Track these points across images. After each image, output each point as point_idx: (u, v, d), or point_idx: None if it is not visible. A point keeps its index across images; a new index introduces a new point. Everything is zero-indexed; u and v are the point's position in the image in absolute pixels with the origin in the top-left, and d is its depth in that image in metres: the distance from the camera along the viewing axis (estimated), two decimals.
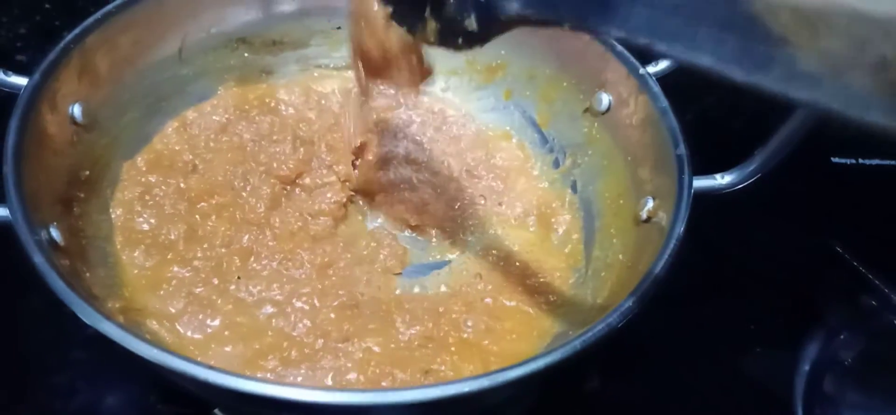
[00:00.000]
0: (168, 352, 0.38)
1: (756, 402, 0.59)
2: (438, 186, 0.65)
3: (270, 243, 0.58)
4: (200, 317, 0.52)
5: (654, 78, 0.59)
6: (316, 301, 0.55)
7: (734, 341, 0.62)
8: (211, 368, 0.38)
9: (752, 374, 0.54)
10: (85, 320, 0.40)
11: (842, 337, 0.64)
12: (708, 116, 0.64)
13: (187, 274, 0.55)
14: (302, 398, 0.38)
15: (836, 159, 0.83)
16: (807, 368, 0.63)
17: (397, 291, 0.58)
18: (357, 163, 0.64)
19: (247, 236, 0.58)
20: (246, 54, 0.70)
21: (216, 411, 0.56)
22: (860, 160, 0.84)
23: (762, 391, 0.36)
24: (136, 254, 0.55)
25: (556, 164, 0.66)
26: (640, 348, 0.60)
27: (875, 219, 0.76)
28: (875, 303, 0.66)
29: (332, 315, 0.54)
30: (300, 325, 0.53)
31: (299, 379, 0.50)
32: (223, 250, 0.57)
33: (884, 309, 0.65)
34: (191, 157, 0.62)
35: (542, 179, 0.67)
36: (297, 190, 0.62)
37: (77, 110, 0.56)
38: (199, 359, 0.45)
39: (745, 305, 0.66)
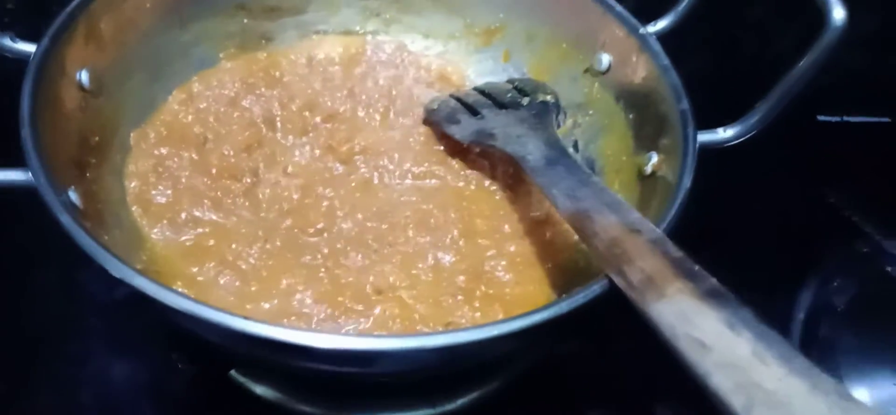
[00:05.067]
0: (205, 305, 0.39)
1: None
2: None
3: (296, 205, 0.59)
4: (226, 280, 0.53)
5: (653, 36, 0.60)
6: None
7: (731, 290, 0.64)
8: (247, 318, 0.39)
9: None
10: (117, 275, 0.40)
11: (835, 284, 0.66)
12: (701, 74, 0.66)
13: (211, 243, 0.56)
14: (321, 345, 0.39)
15: (822, 117, 0.86)
16: (802, 315, 0.65)
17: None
18: None
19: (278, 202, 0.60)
20: (245, 20, 0.70)
21: (232, 372, 0.58)
22: (845, 118, 0.86)
23: None
24: (155, 228, 0.56)
25: (558, 124, 0.68)
26: None
27: (862, 172, 0.79)
28: (866, 250, 0.68)
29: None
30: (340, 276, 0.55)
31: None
32: (247, 215, 0.58)
33: (875, 255, 0.68)
34: (201, 129, 0.63)
35: None
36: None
37: (84, 76, 0.56)
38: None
39: (741, 256, 0.68)
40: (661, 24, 0.62)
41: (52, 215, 0.43)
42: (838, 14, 0.49)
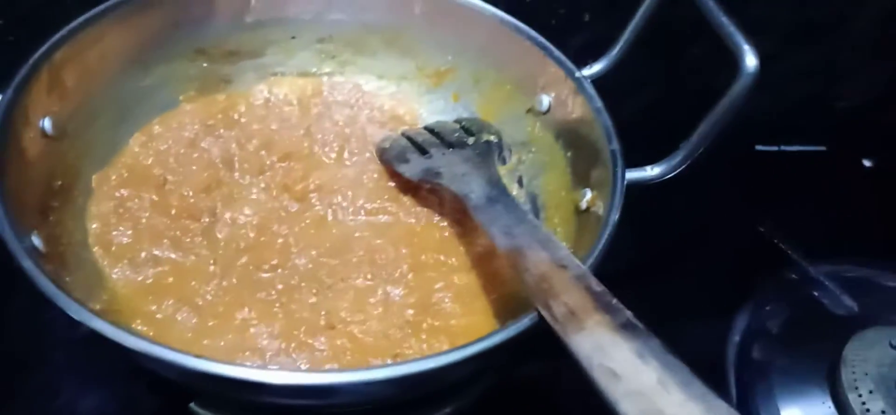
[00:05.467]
0: (158, 344, 0.42)
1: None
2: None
3: (252, 242, 0.62)
4: (184, 316, 0.56)
5: (588, 80, 0.64)
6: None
7: (668, 316, 0.67)
8: (200, 357, 0.41)
9: (685, 346, 0.60)
10: (76, 318, 0.43)
11: (768, 308, 0.70)
12: (637, 116, 0.70)
13: (170, 280, 0.58)
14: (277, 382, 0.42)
15: (759, 147, 0.90)
16: (737, 338, 0.69)
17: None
18: None
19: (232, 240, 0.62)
20: (205, 64, 0.73)
21: (192, 404, 0.60)
22: (782, 147, 0.91)
23: (695, 361, 0.40)
24: (116, 268, 0.59)
25: (504, 161, 0.71)
26: None
27: (795, 200, 0.83)
28: (795, 276, 0.73)
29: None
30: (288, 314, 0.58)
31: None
32: (205, 253, 0.61)
33: (803, 281, 0.72)
34: (161, 171, 0.65)
35: None
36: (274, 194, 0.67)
37: (48, 123, 0.58)
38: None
39: (677, 284, 0.72)
40: (597, 67, 0.66)
41: (17, 263, 0.46)
42: (751, 61, 0.52)
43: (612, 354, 0.40)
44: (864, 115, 0.94)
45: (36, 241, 0.51)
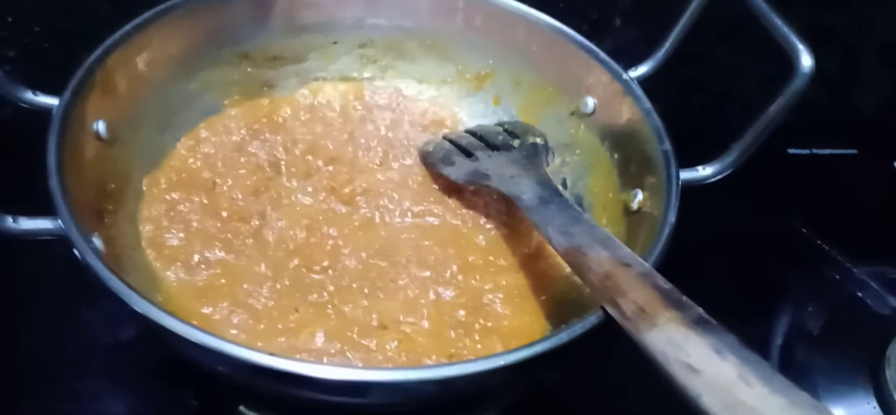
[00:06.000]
0: (226, 340, 0.42)
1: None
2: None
3: (302, 244, 0.62)
4: (239, 319, 0.56)
5: (635, 81, 0.64)
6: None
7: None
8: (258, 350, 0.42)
9: None
10: (144, 313, 0.43)
11: (809, 309, 0.70)
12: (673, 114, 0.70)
13: (223, 282, 0.59)
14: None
15: (792, 151, 0.91)
16: (779, 341, 0.69)
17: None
18: None
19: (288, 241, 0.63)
20: (248, 69, 0.73)
21: (241, 407, 0.60)
22: (814, 150, 0.91)
23: None
24: (169, 270, 0.59)
25: (546, 163, 0.71)
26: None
27: (830, 202, 0.83)
28: (837, 276, 0.73)
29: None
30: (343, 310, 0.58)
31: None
32: (256, 255, 0.61)
33: (845, 281, 0.72)
34: (210, 174, 0.66)
35: None
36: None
37: (101, 126, 0.59)
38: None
39: (715, 286, 0.72)
40: (643, 68, 0.66)
41: (83, 261, 0.46)
42: (806, 61, 0.53)
43: (687, 349, 0.40)
44: (892, 117, 0.94)
45: (97, 242, 0.51)
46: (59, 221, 0.48)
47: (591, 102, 0.68)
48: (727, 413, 0.36)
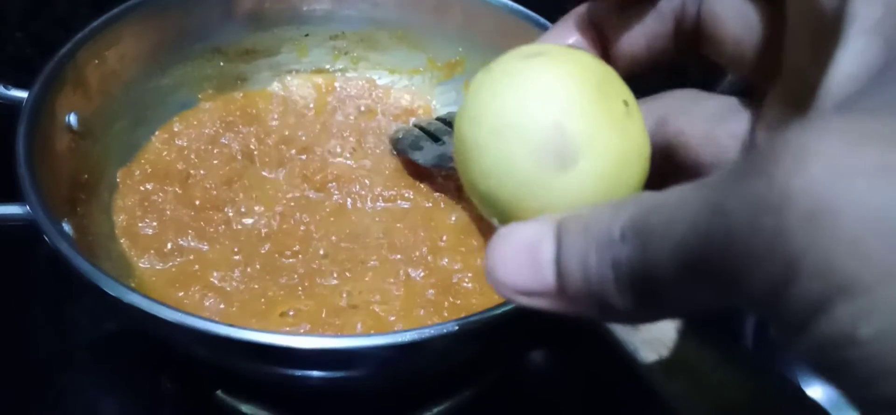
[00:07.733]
0: (196, 316, 0.43)
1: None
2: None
3: (274, 231, 0.64)
4: (211, 302, 0.57)
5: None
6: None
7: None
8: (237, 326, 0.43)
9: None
10: (113, 294, 0.44)
11: None
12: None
13: (196, 268, 0.60)
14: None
15: None
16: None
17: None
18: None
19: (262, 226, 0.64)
20: (221, 63, 0.74)
21: (218, 392, 0.61)
22: None
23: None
24: (143, 258, 0.60)
25: None
26: None
27: None
28: None
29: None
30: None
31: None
32: (228, 243, 0.62)
33: None
34: (184, 166, 0.67)
35: None
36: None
37: (73, 119, 0.60)
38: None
39: None
40: None
41: (52, 244, 0.47)
42: None
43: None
44: None
45: (67, 228, 0.52)
46: (28, 207, 0.49)
47: None
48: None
